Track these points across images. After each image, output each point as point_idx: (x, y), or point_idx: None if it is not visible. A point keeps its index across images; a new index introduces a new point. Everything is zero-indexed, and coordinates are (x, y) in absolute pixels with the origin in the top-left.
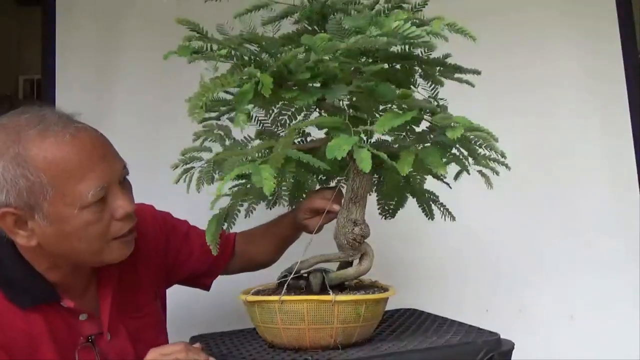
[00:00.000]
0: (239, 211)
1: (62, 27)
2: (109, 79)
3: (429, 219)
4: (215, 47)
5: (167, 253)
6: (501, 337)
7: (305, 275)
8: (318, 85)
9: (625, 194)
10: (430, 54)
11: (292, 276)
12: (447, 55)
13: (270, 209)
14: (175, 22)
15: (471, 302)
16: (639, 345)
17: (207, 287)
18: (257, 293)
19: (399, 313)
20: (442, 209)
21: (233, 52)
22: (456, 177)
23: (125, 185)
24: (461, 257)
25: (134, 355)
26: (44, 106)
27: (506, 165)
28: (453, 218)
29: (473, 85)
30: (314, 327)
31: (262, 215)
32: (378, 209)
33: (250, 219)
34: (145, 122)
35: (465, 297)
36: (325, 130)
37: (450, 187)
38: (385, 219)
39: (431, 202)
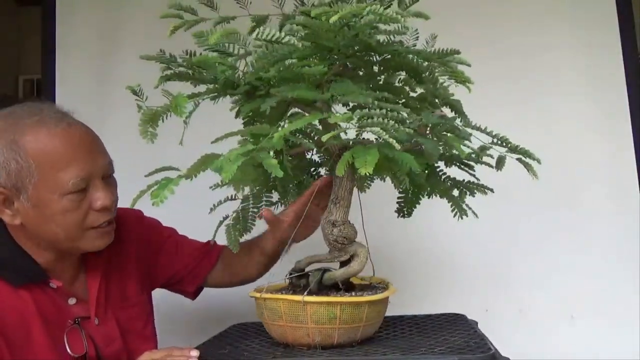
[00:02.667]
0: (254, 213)
1: (62, 27)
2: (109, 79)
3: (458, 217)
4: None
5: (149, 253)
6: (499, 353)
7: (309, 274)
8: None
9: (625, 194)
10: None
11: (292, 275)
12: (434, 36)
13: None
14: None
15: (471, 302)
16: (639, 345)
17: (190, 295)
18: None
19: (443, 317)
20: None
21: (197, 75)
22: (497, 165)
23: (109, 181)
24: (461, 257)
25: (121, 342)
26: (45, 102)
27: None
28: (476, 215)
29: (469, 65)
30: (291, 325)
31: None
32: (396, 209)
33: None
34: None
35: (465, 297)
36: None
37: (478, 180)
38: (402, 217)
39: (460, 201)
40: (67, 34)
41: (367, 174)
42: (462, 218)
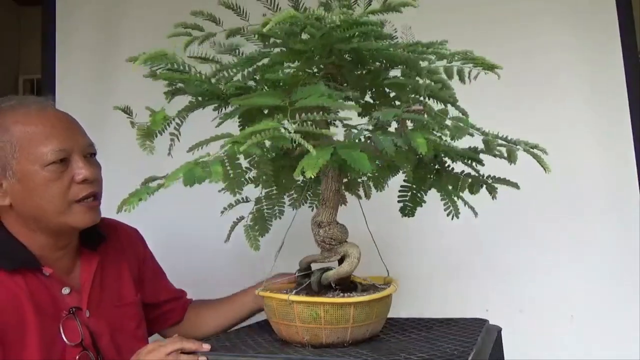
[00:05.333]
0: (270, 213)
1: (62, 27)
2: (109, 79)
3: (452, 217)
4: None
5: (140, 268)
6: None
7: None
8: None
9: (625, 194)
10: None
11: (299, 274)
12: (407, 27)
13: (294, 209)
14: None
15: (472, 301)
16: (639, 345)
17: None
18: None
19: (461, 322)
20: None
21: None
22: (509, 158)
23: (90, 160)
24: (462, 257)
25: (108, 338)
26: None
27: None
28: (475, 213)
29: (447, 58)
30: (283, 323)
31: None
32: (400, 208)
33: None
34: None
35: (466, 296)
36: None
37: (480, 174)
38: (407, 217)
39: (457, 199)
40: (67, 34)
41: (368, 174)
42: (457, 217)
